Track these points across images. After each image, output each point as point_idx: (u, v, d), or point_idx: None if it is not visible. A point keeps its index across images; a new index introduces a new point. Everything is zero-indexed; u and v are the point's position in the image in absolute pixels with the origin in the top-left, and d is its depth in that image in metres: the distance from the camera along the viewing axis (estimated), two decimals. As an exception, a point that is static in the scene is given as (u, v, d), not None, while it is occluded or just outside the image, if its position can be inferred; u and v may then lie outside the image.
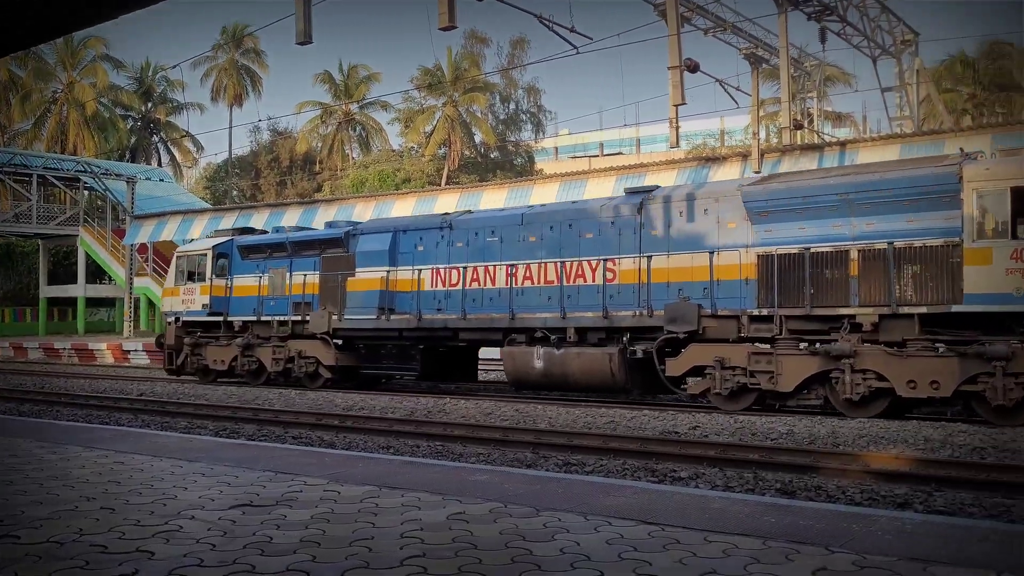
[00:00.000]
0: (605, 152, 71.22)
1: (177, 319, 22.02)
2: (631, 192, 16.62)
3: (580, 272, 15.97)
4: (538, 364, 16.09)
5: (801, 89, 28.78)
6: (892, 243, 12.90)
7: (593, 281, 15.78)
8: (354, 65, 55.04)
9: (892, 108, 30.45)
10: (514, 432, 11.88)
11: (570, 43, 21.14)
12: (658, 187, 16.54)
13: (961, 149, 14.55)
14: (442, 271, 17.67)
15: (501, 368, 24.95)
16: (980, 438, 10.55)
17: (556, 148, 75.04)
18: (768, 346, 13.88)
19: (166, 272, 41.47)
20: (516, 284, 16.64)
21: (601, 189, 26.19)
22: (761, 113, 32.29)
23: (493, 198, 29.48)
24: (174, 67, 68.99)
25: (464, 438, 11.41)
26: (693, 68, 20.78)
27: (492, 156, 51.62)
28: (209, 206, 46.70)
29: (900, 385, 12.64)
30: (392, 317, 18.05)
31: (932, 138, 23.71)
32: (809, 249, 13.54)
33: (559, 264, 16.12)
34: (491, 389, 19.65)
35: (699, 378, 14.38)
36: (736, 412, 13.61)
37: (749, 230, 14.30)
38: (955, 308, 12.35)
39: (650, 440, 10.96)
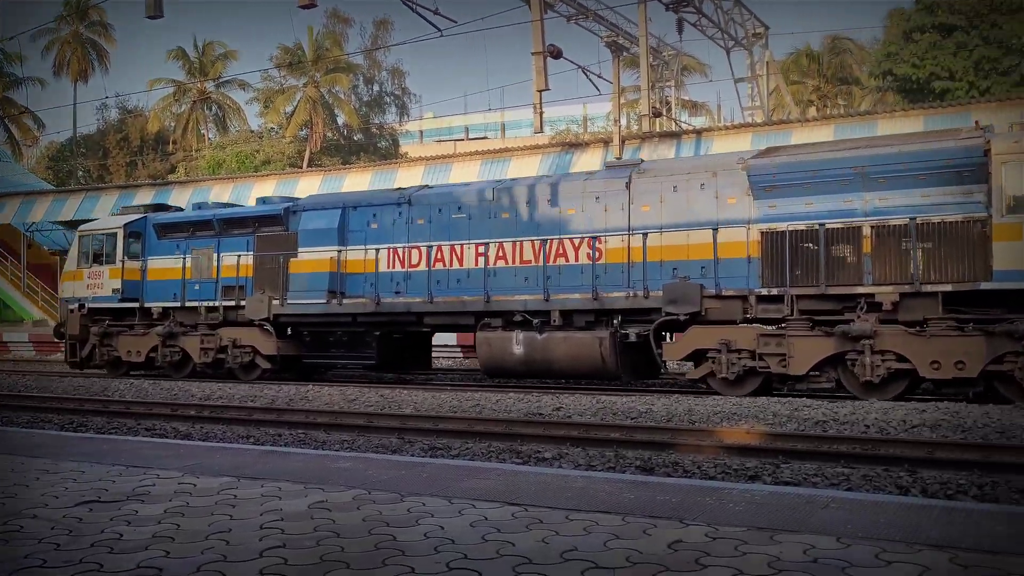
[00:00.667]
0: (470, 136, 71.30)
1: (81, 306, 19.89)
2: (616, 166, 15.91)
3: (561, 251, 15.04)
4: (517, 350, 15.17)
5: (660, 78, 29.59)
6: (915, 219, 12.43)
7: (577, 260, 14.90)
8: (209, 42, 52.94)
9: (744, 98, 31.76)
10: (379, 418, 11.78)
11: (434, 25, 21.07)
12: (642, 161, 15.96)
13: (976, 122, 14.24)
14: (400, 251, 16.50)
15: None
16: (823, 412, 11.17)
17: (421, 131, 74.56)
18: (773, 328, 13.36)
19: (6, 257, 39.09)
20: (489, 264, 15.53)
21: (466, 173, 26.23)
22: (622, 100, 33.05)
23: (356, 181, 29.06)
24: (11, 39, 64.46)
25: (328, 425, 11.23)
26: (556, 54, 21.06)
27: (356, 138, 50.80)
28: (52, 187, 44.06)
29: (923, 366, 12.28)
30: (345, 301, 16.77)
31: (781, 127, 24.87)
32: (824, 225, 12.97)
33: (538, 242, 15.15)
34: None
35: (688, 363, 14.26)
36: (741, 396, 13.13)
37: (751, 205, 13.65)
38: (984, 286, 11.95)
39: (515, 422, 11.07)
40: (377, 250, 16.60)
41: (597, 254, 14.74)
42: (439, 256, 16.07)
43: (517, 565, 3.41)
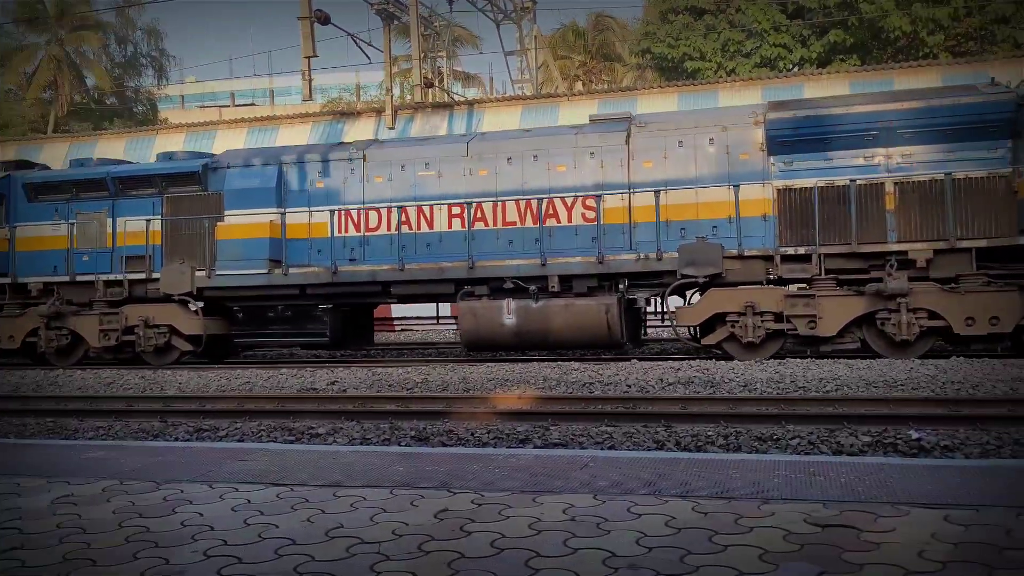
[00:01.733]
0: (237, 102, 68.20)
1: None
2: (604, 119, 14.72)
3: (552, 211, 14.06)
4: (509, 321, 13.97)
5: (432, 48, 29.58)
6: (950, 174, 12.42)
7: (570, 221, 13.99)
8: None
9: (514, 71, 32.44)
10: (139, 401, 11.11)
11: (193, -17, 19.76)
12: (633, 114, 14.73)
13: (993, 78, 14.09)
14: (354, 212, 14.84)
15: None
16: (589, 374, 11.71)
17: (183, 96, 70.43)
18: (795, 288, 13.13)
19: None
20: (466, 226, 14.27)
21: (230, 141, 25.07)
22: (395, 70, 32.77)
23: (109, 148, 27.02)
24: None
25: (81, 412, 10.43)
26: (324, 20, 20.50)
27: (108, 102, 47.16)
28: None
29: (957, 323, 12.34)
30: (292, 271, 14.96)
31: (549, 101, 25.64)
32: (855, 181, 12.73)
33: (526, 202, 14.10)
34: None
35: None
36: (762, 360, 12.76)
37: (766, 162, 13.25)
38: (1021, 240, 12.12)
39: (288, 399, 10.81)
40: (323, 212, 14.91)
41: (593, 214, 13.93)
42: (403, 218, 14.65)
43: (280, 547, 3.31)
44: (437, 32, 29.62)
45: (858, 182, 12.75)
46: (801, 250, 13.02)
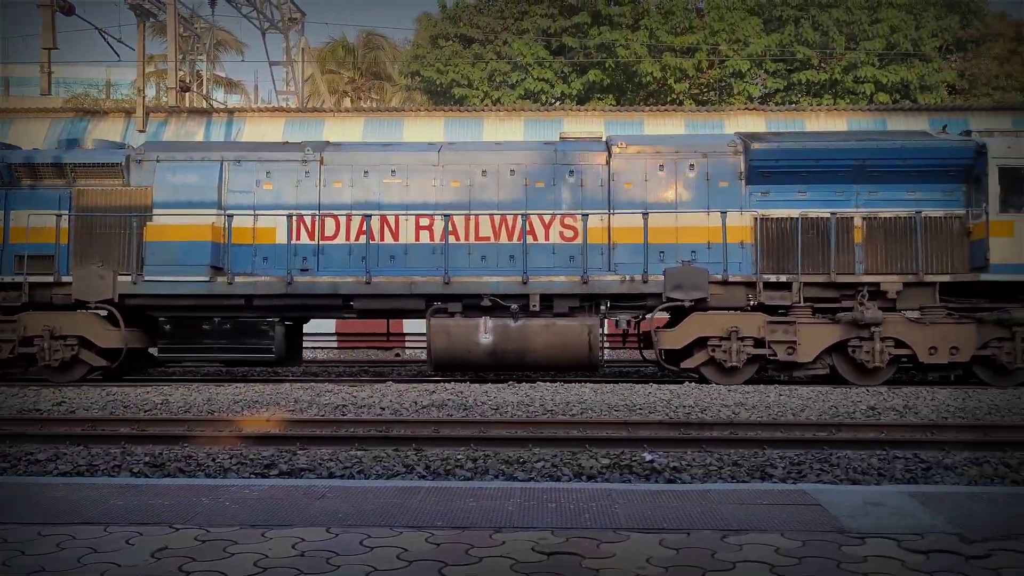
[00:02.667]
0: (-36, 89, 61.48)
1: None
2: (575, 139, 14.56)
3: (529, 227, 13.69)
4: (485, 340, 13.43)
5: (191, 50, 28.20)
6: (920, 212, 13.32)
7: (548, 240, 13.70)
8: None
9: (280, 82, 31.59)
10: None
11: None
12: (615, 135, 14.66)
13: (945, 126, 14.88)
14: (307, 219, 13.78)
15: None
16: (343, 396, 11.51)
17: None
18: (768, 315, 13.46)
19: None
20: (438, 239, 13.65)
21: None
22: (150, 70, 30.92)
23: None
24: None
25: None
26: (68, 11, 18.98)
27: None
28: None
29: (922, 352, 13.19)
30: (237, 279, 13.61)
31: (315, 115, 25.16)
32: (836, 214, 13.40)
33: (500, 217, 13.70)
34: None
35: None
36: (736, 385, 13.01)
37: (743, 191, 13.64)
38: (984, 277, 13.06)
39: (5, 420, 9.77)
40: (277, 217, 13.78)
41: (571, 232, 13.72)
42: (364, 228, 13.74)
43: (-39, 599, 2.94)
44: (198, 34, 28.29)
45: (833, 215, 13.45)
46: (783, 278, 13.51)
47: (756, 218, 13.60)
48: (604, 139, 14.62)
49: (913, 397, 11.76)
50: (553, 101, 30.17)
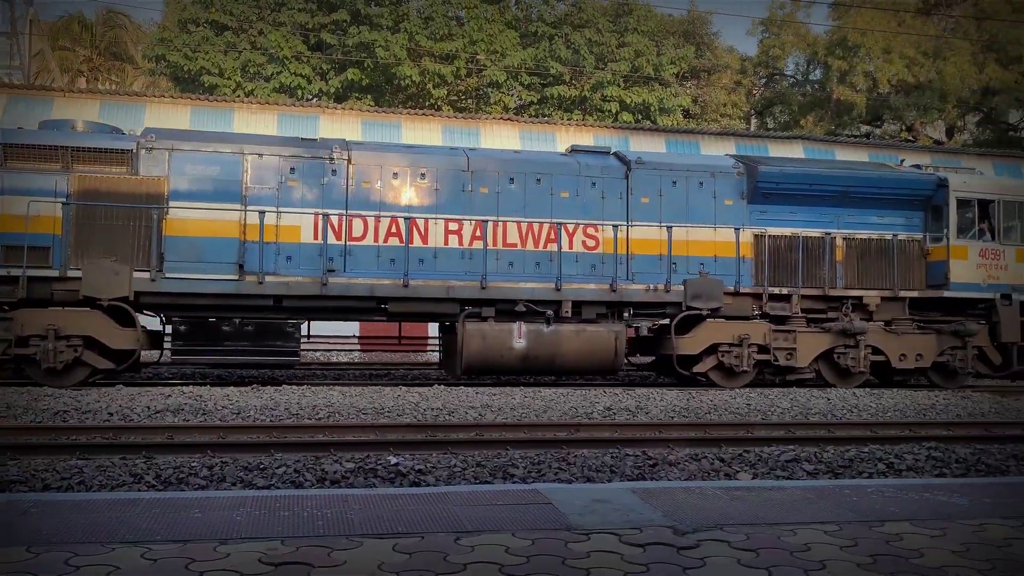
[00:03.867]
0: None
1: None
2: (586, 151, 15.26)
3: (553, 236, 14.02)
4: (519, 344, 13.61)
5: None
6: (897, 235, 15.07)
7: (571, 248, 14.08)
8: None
9: (3, 55, 28.60)
10: None
11: None
12: (628, 151, 15.62)
13: (902, 160, 17.04)
14: (335, 219, 13.32)
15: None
16: (64, 402, 10.58)
17: None
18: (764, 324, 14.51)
19: None
20: (468, 244, 13.75)
21: None
22: None
23: None
24: None
25: None
26: None
27: None
28: None
29: (894, 358, 14.88)
30: (268, 279, 12.92)
31: (43, 94, 23.03)
32: (830, 234, 14.86)
33: (527, 224, 13.98)
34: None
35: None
36: (738, 388, 14.05)
37: (744, 209, 14.69)
38: (946, 293, 14.93)
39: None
40: (303, 215, 13.25)
41: (593, 242, 14.15)
42: (393, 230, 13.54)
43: None
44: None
45: (821, 235, 14.85)
46: (784, 290, 14.71)
47: (755, 235, 14.73)
48: (612, 151, 15.40)
49: (645, 398, 12.57)
50: (310, 97, 29.52)
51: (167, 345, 13.44)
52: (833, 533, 3.95)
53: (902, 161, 17.23)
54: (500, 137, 23.33)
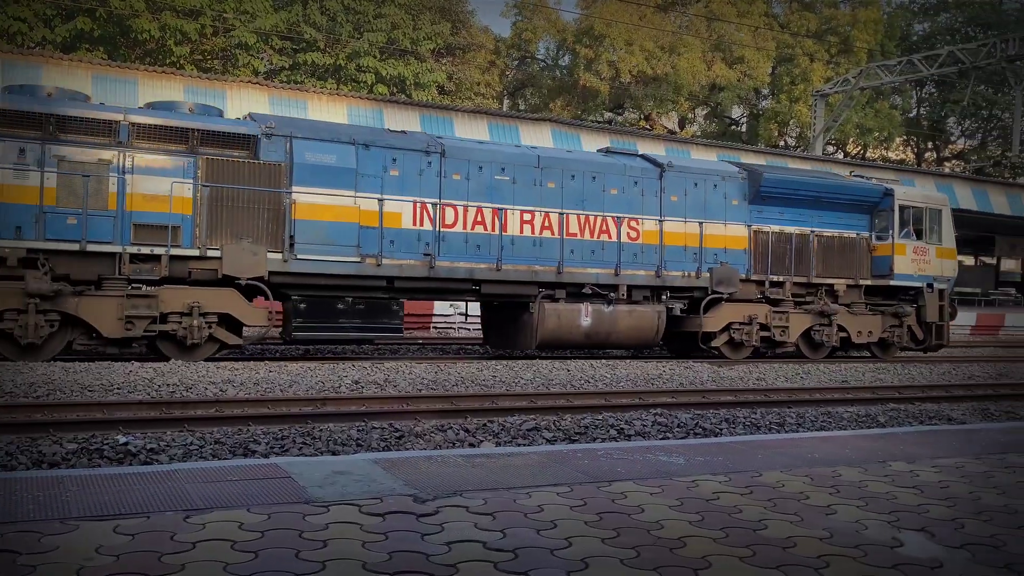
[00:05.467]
0: None
1: None
2: (619, 152, 17.57)
3: (605, 228, 15.73)
4: (585, 322, 15.46)
5: None
6: (860, 234, 18.26)
7: (616, 238, 15.86)
8: None
9: None
10: None
11: None
12: (640, 152, 18.08)
13: (851, 172, 21.11)
14: (429, 206, 14.43)
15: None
16: None
17: None
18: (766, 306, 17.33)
19: None
20: (535, 233, 15.32)
21: None
22: None
23: None
24: None
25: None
26: None
27: None
28: None
29: (854, 334, 18.07)
30: (385, 261, 13.88)
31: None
32: (820, 233, 17.76)
33: (584, 216, 15.66)
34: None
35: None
36: (741, 361, 16.69)
37: (746, 208, 17.11)
38: (892, 282, 18.25)
39: None
40: (404, 202, 14.32)
41: (634, 234, 16.05)
42: (479, 218, 14.85)
43: None
44: None
45: (803, 232, 17.53)
46: (780, 278, 17.35)
47: (755, 231, 17.17)
48: (640, 153, 17.88)
49: (393, 371, 12.61)
50: (32, 45, 26.77)
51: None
52: (565, 494, 4.14)
53: (851, 172, 21.72)
54: (248, 101, 22.35)
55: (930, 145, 52.83)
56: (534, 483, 4.36)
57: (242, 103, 21.92)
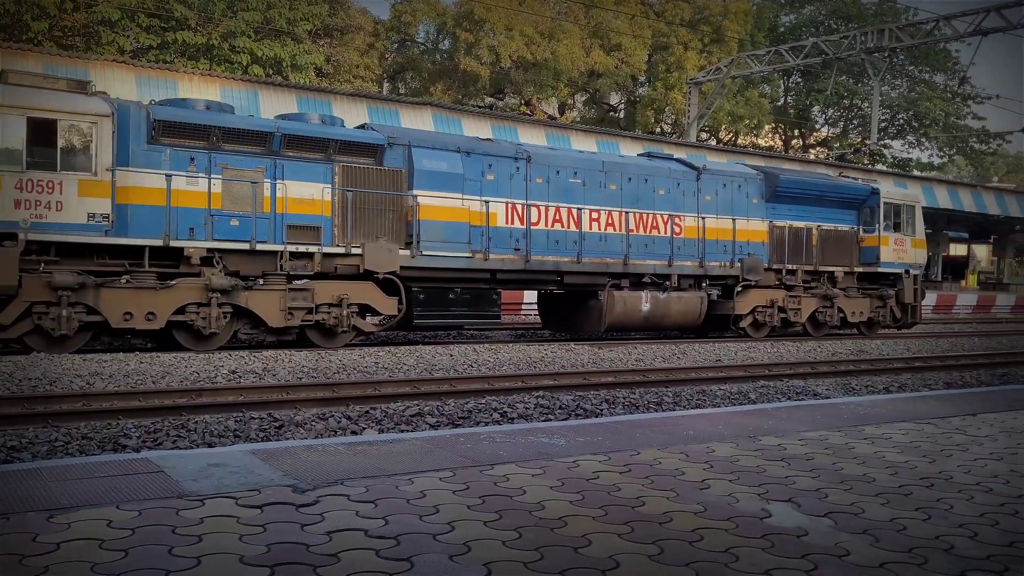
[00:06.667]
0: None
1: (5, 236, 11.64)
2: (658, 156, 19.88)
3: (655, 224, 17.86)
4: (645, 307, 17.56)
5: None
6: (853, 228, 20.96)
7: (664, 233, 17.96)
8: None
9: None
10: None
11: None
12: (674, 156, 20.64)
13: (840, 172, 24.56)
14: (519, 207, 16.25)
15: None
16: None
17: None
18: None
19: None
20: (601, 229, 17.18)
21: None
22: None
23: None
24: None
25: None
26: None
27: None
28: None
29: (849, 314, 20.63)
30: (491, 256, 15.76)
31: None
32: (820, 226, 20.18)
33: (639, 214, 17.66)
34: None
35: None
36: (762, 339, 19.15)
37: (763, 206, 19.34)
38: (880, 269, 20.96)
39: None
40: (492, 203, 15.92)
41: (678, 229, 18.04)
42: (557, 217, 16.59)
43: None
44: None
45: (809, 227, 20.00)
46: (793, 267, 19.76)
47: (771, 225, 19.54)
48: (675, 156, 20.29)
49: (272, 360, 12.33)
50: None
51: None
52: (448, 479, 4.15)
53: (840, 173, 24.77)
54: (114, 81, 21.32)
55: (796, 133, 55.10)
56: (417, 469, 4.35)
57: (107, 83, 20.87)
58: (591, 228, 17.16)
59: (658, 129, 46.06)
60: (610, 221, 17.41)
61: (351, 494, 3.81)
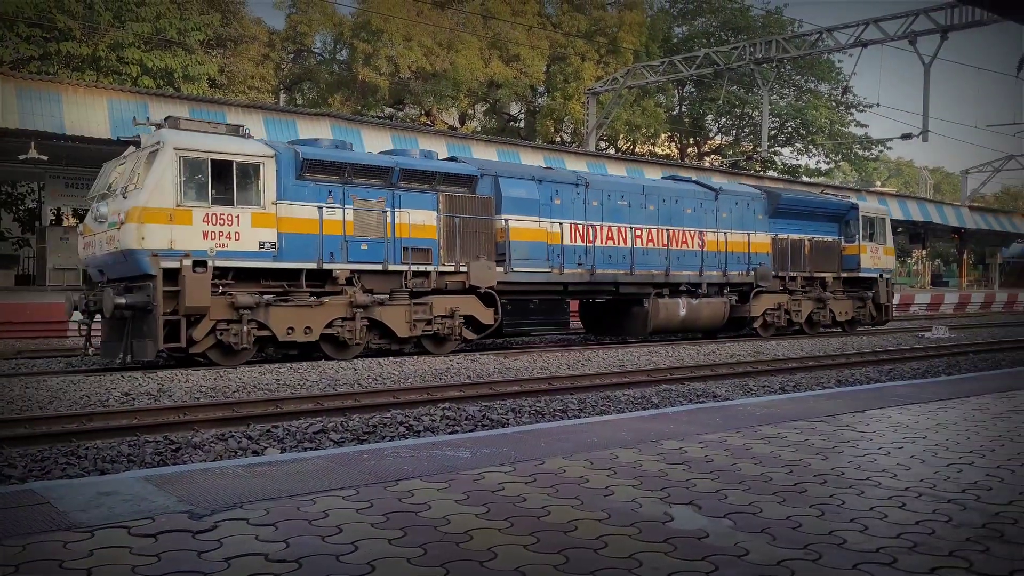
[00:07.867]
0: None
1: (197, 263, 13.16)
2: (681, 178, 23.16)
3: (685, 239, 20.37)
4: (682, 312, 19.99)
5: None
6: (837, 239, 23.92)
7: (692, 247, 20.56)
8: None
9: None
10: None
11: None
12: (692, 178, 23.63)
13: (823, 189, 29.11)
14: (580, 227, 18.36)
15: None
16: None
17: None
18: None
19: None
20: (643, 245, 19.54)
21: None
22: None
23: None
24: None
25: None
26: None
27: None
28: None
29: (838, 314, 23.60)
30: (565, 271, 17.92)
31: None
32: (812, 238, 23.17)
33: (671, 231, 20.17)
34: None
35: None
36: (770, 337, 21.92)
37: (766, 221, 22.31)
38: (860, 274, 24.01)
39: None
40: (561, 224, 18.04)
41: (702, 243, 20.67)
42: (609, 235, 18.87)
43: None
44: None
45: (804, 238, 22.95)
46: (794, 274, 22.44)
47: (772, 238, 22.19)
48: (693, 179, 22.91)
49: (168, 380, 11.94)
50: None
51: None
52: (351, 497, 4.08)
53: (823, 190, 29.12)
54: (-7, 93, 20.32)
55: (692, 141, 56.52)
56: (319, 488, 4.26)
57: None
58: (638, 244, 19.42)
59: (558, 138, 46.58)
60: (651, 237, 19.78)
61: (250, 518, 3.70)
